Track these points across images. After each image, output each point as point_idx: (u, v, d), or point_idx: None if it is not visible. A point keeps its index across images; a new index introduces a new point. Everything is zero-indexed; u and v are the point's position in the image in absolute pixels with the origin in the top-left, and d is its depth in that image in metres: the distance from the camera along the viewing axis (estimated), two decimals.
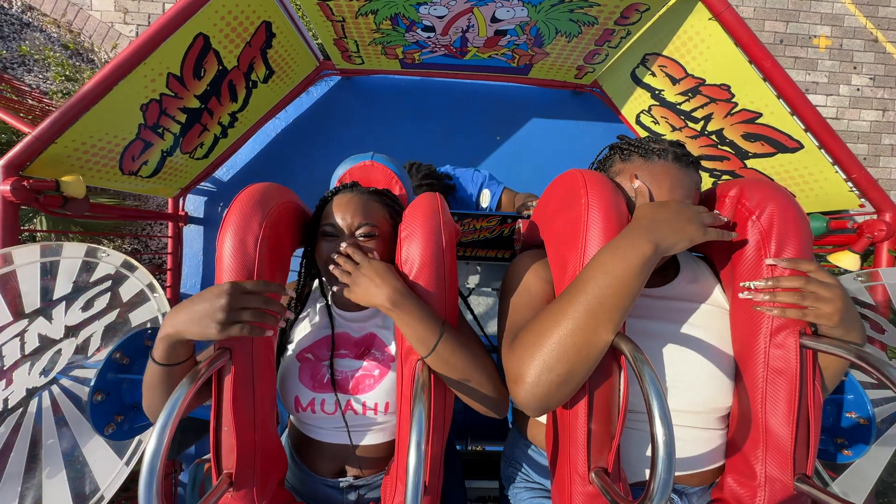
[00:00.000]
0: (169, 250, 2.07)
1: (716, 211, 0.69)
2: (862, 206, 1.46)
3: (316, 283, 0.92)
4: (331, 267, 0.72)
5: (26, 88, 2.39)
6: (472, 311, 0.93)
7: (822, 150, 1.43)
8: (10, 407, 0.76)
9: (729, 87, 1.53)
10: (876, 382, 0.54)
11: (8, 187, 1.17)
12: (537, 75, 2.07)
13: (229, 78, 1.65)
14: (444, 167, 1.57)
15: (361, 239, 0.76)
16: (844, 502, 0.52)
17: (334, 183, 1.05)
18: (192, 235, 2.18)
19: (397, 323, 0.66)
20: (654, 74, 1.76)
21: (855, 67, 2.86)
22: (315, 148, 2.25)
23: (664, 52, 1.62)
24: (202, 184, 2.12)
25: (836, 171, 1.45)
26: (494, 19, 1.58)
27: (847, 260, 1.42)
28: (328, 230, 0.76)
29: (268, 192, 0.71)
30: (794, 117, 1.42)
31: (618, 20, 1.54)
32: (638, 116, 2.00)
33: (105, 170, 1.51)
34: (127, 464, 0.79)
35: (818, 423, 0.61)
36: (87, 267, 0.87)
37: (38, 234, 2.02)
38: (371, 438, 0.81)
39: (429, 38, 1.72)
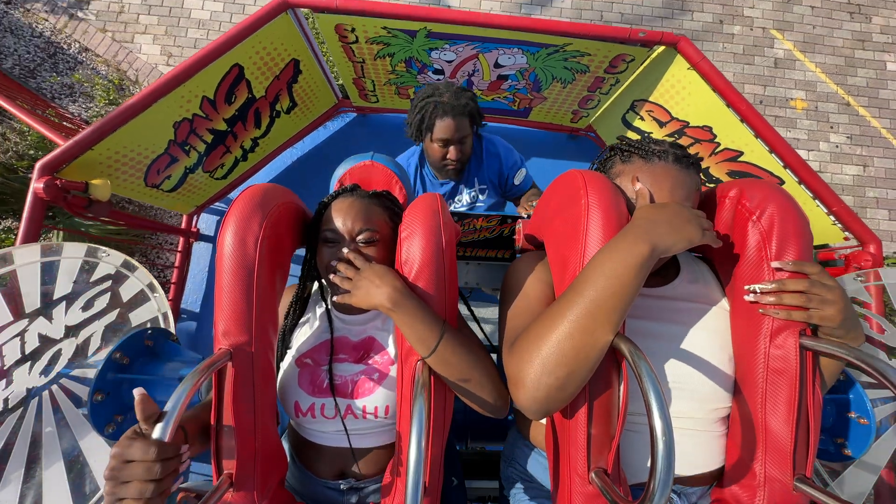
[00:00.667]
0: (176, 264, 2.12)
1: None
2: (846, 238, 1.52)
3: (315, 286, 0.92)
4: (331, 276, 0.72)
5: (69, 115, 2.61)
6: (471, 312, 0.95)
7: (802, 186, 1.53)
8: (10, 407, 0.76)
9: (711, 128, 1.67)
10: (875, 382, 0.54)
11: (41, 185, 1.26)
12: (536, 118, 2.26)
13: (256, 106, 1.82)
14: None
15: (362, 245, 0.76)
16: (843, 502, 0.52)
17: (334, 183, 1.07)
18: (201, 252, 2.24)
19: (398, 323, 0.66)
20: (642, 119, 1.92)
21: (832, 127, 3.09)
22: (327, 177, 2.38)
23: (650, 98, 1.79)
24: (216, 203, 2.22)
25: (818, 206, 1.53)
26: (497, 65, 1.78)
27: None
28: (329, 236, 0.76)
29: (268, 192, 0.71)
30: (773, 155, 1.54)
31: (607, 69, 1.73)
32: None
33: (131, 180, 1.61)
34: None
35: (818, 424, 0.61)
36: (88, 267, 0.87)
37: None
38: (371, 441, 0.80)
39: (439, 80, 1.92)
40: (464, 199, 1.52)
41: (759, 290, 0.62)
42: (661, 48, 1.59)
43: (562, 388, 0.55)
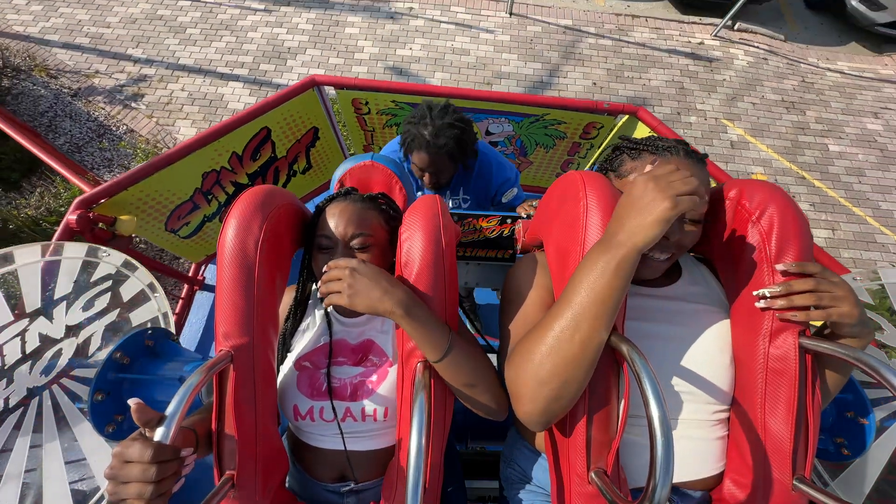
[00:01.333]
0: (176, 311, 2.14)
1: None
2: None
3: (314, 288, 0.92)
4: (318, 284, 0.71)
5: (103, 181, 2.88)
6: (469, 318, 0.95)
7: None
8: (10, 406, 0.74)
9: (654, 135, 1.90)
10: (875, 382, 0.54)
11: (74, 217, 1.39)
12: (525, 182, 2.53)
13: (276, 165, 2.06)
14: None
15: (357, 249, 0.76)
16: (842, 502, 0.52)
17: (335, 184, 1.06)
18: (202, 301, 2.28)
19: (408, 329, 0.64)
20: None
21: (794, 196, 3.40)
22: None
23: None
24: None
25: None
26: (488, 132, 2.08)
27: None
28: (324, 242, 0.76)
29: (268, 194, 0.71)
30: None
31: (581, 135, 2.02)
32: None
33: (154, 223, 1.75)
34: None
35: (817, 424, 0.60)
36: (88, 267, 0.86)
37: None
38: (370, 445, 0.78)
39: None
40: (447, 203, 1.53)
41: (768, 295, 0.60)
42: (626, 117, 1.89)
43: (558, 398, 0.55)
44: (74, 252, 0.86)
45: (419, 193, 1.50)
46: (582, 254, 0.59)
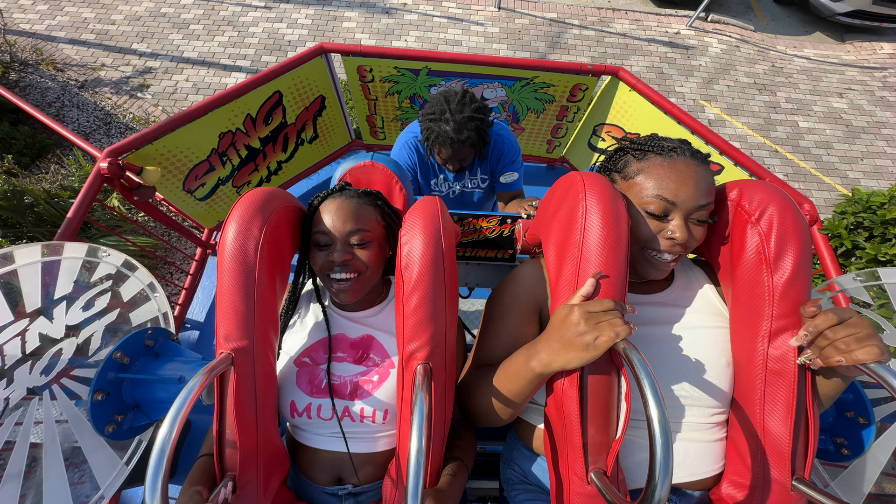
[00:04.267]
0: (191, 272, 2.25)
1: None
2: None
3: (309, 283, 0.91)
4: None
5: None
6: (468, 329, 0.97)
7: (738, 167, 1.86)
8: (10, 406, 0.74)
9: (657, 134, 2.07)
10: (875, 382, 0.52)
11: (105, 164, 1.52)
12: None
13: (286, 131, 2.21)
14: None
15: (356, 246, 0.75)
16: (840, 503, 0.52)
17: (334, 183, 1.05)
18: (213, 267, 2.39)
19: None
20: (603, 140, 2.35)
21: (769, 168, 3.63)
22: None
23: (607, 121, 2.24)
24: None
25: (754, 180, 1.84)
26: (483, 98, 2.25)
27: None
28: (321, 240, 0.75)
29: (268, 196, 0.71)
30: (709, 146, 1.90)
31: (568, 98, 2.20)
32: None
33: (172, 181, 1.87)
34: (127, 463, 0.77)
35: (816, 425, 0.60)
36: (88, 266, 0.86)
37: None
38: (367, 447, 0.78)
39: None
40: (466, 184, 1.64)
41: (809, 361, 0.58)
42: (608, 78, 2.07)
43: (500, 421, 0.68)
44: (74, 252, 0.84)
45: (438, 178, 1.58)
46: (580, 255, 0.60)
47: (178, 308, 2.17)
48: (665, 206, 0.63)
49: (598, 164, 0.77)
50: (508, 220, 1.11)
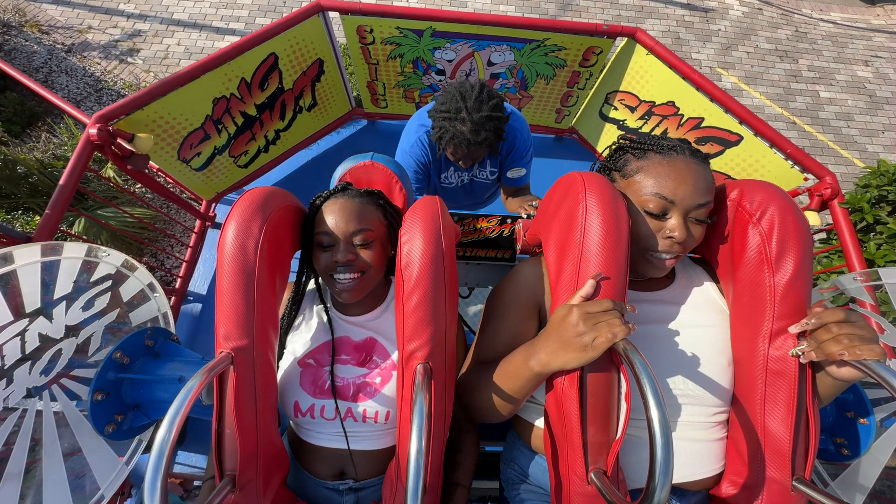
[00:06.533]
0: (191, 244, 2.21)
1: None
2: (806, 179, 1.71)
3: (312, 284, 0.90)
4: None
5: None
6: (469, 327, 0.96)
7: (759, 137, 1.77)
8: (10, 406, 0.74)
9: (673, 102, 1.96)
10: (875, 382, 0.52)
11: (94, 130, 1.44)
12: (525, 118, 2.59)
13: (283, 98, 2.10)
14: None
15: (359, 246, 0.76)
16: (840, 503, 0.52)
17: (334, 183, 1.05)
18: (213, 240, 2.35)
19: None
20: (616, 108, 2.23)
21: None
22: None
23: (621, 88, 2.12)
24: (233, 194, 2.40)
25: (776, 153, 1.75)
26: (490, 63, 2.12)
27: (810, 217, 1.60)
28: (324, 240, 0.75)
29: (268, 196, 0.71)
30: (729, 114, 1.80)
31: (581, 62, 2.07)
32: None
33: (166, 150, 1.80)
34: (127, 463, 0.78)
35: (817, 425, 0.61)
36: (88, 266, 0.86)
37: (70, 237, 2.20)
38: (370, 445, 0.79)
39: (440, 81, 2.25)
40: (476, 174, 1.57)
41: (802, 353, 0.59)
42: (624, 41, 1.94)
43: (499, 417, 0.70)
44: (74, 252, 0.85)
45: (448, 171, 1.51)
46: (581, 255, 0.60)
47: (179, 281, 2.15)
48: (664, 204, 0.63)
49: (600, 164, 0.77)
50: (508, 220, 1.11)
